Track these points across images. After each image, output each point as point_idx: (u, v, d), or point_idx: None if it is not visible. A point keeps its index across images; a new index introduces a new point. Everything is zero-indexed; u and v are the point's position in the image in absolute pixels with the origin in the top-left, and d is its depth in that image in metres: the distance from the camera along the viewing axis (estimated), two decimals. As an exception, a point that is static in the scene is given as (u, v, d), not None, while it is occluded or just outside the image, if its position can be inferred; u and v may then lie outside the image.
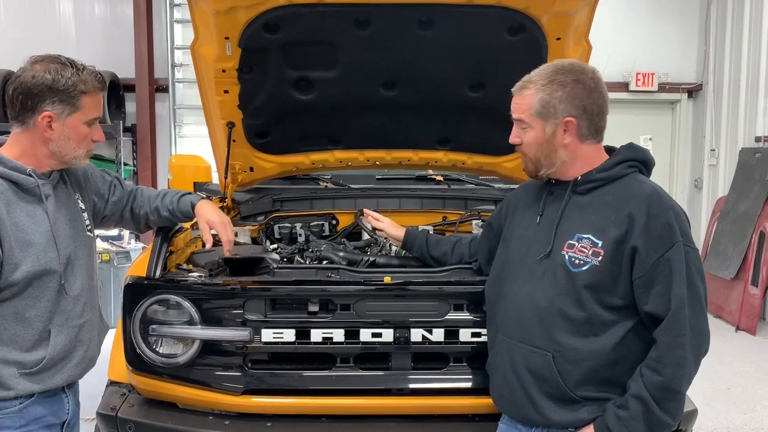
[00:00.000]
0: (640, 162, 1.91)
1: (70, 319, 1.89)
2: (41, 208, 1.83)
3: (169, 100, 8.10)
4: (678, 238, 1.74)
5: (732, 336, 6.45)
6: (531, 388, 1.84)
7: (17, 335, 1.79)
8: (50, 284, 1.83)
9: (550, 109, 1.84)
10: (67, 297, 1.88)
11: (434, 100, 2.99)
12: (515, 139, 1.94)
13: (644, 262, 1.74)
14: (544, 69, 1.90)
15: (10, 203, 1.76)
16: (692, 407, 2.30)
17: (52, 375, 1.87)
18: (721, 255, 7.07)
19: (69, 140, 1.84)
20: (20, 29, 7.89)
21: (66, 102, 1.81)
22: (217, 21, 2.56)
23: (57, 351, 1.86)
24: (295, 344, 2.21)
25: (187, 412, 2.31)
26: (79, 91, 1.81)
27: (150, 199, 2.30)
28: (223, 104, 2.89)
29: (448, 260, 2.45)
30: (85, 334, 1.95)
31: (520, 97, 1.90)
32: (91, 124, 1.89)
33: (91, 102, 1.86)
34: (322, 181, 3.61)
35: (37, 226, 1.81)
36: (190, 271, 2.38)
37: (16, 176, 1.79)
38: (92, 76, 1.86)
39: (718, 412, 4.51)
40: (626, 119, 8.04)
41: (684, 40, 8.36)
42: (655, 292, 1.73)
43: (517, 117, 1.91)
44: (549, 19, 2.57)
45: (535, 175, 1.95)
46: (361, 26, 2.63)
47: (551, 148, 1.87)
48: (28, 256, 1.77)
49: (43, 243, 1.81)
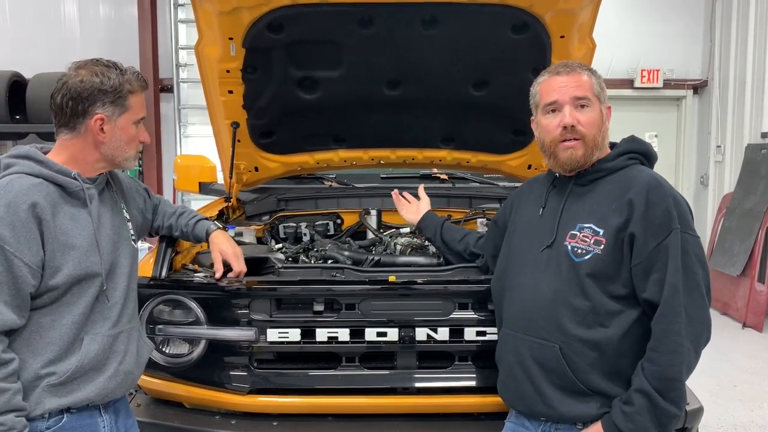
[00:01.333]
0: (642, 154, 1.92)
1: (104, 327, 1.82)
2: (85, 211, 1.81)
3: (174, 100, 8.11)
4: (676, 225, 1.74)
5: (738, 333, 6.43)
6: (538, 379, 1.84)
7: (51, 342, 1.74)
8: (90, 289, 1.78)
9: (603, 92, 1.90)
10: (107, 304, 1.83)
11: (438, 99, 2.99)
12: (573, 120, 1.83)
13: (642, 250, 1.74)
14: (574, 62, 1.96)
15: (55, 206, 1.74)
16: (698, 405, 2.29)
17: (82, 385, 1.78)
18: (728, 252, 7.05)
19: (120, 142, 1.83)
20: (25, 30, 7.91)
21: (116, 103, 1.80)
22: (221, 21, 2.57)
23: (89, 360, 1.78)
24: (301, 344, 2.22)
25: (194, 411, 2.32)
26: (126, 91, 1.81)
27: (166, 214, 2.30)
28: (227, 104, 2.90)
29: (455, 246, 2.48)
30: (120, 345, 1.87)
31: (576, 75, 1.87)
32: (138, 125, 1.89)
33: (138, 102, 1.86)
34: (326, 181, 3.62)
35: (80, 230, 1.78)
36: (195, 272, 2.39)
37: (61, 179, 1.77)
38: (135, 76, 1.86)
39: (724, 410, 4.49)
40: (631, 116, 8.02)
41: (689, 36, 8.33)
42: (652, 279, 1.73)
43: (582, 94, 1.85)
44: (553, 17, 2.57)
45: (584, 163, 1.87)
46: (365, 25, 2.63)
47: (604, 131, 1.89)
48: (69, 259, 1.74)
49: (86, 246, 1.78)
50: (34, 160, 1.78)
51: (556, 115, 1.87)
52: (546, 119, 1.90)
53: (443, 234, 2.52)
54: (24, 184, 1.73)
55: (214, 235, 2.29)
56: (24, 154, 1.80)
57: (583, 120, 1.84)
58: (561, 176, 1.95)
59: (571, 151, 1.85)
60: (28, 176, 1.75)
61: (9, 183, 1.73)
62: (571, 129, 1.84)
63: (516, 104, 2.30)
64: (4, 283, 1.65)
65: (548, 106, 1.89)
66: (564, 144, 1.86)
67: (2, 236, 1.66)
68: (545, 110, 1.90)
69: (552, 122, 1.87)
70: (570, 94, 1.85)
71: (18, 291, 1.67)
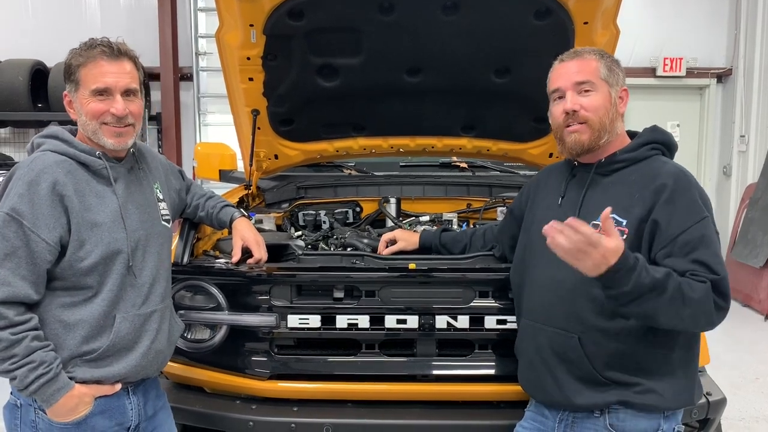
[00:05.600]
0: (663, 144, 1.91)
1: (135, 306, 1.84)
2: (110, 189, 1.83)
3: (194, 88, 8.14)
4: (706, 214, 1.75)
5: (761, 325, 6.34)
6: (558, 370, 1.84)
7: (83, 320, 1.77)
8: (117, 266, 1.81)
9: (614, 75, 1.88)
10: (136, 282, 1.85)
11: (459, 86, 2.97)
12: (574, 106, 1.85)
13: (666, 236, 1.73)
14: (585, 47, 1.94)
15: (78, 183, 1.77)
16: (720, 396, 2.27)
17: (114, 362, 1.81)
18: (750, 243, 6.94)
19: (81, 116, 1.83)
20: (47, 19, 7.98)
21: (71, 80, 1.82)
22: (241, 8, 2.57)
23: (120, 338, 1.81)
24: (321, 330, 2.23)
25: (215, 396, 2.35)
26: (75, 66, 1.80)
27: (195, 195, 2.34)
28: (247, 92, 2.90)
29: (458, 247, 2.46)
30: (153, 324, 1.88)
31: (580, 60, 1.88)
32: (100, 96, 1.80)
33: (90, 73, 1.79)
34: (346, 169, 3.62)
35: (104, 207, 1.81)
36: (216, 258, 2.40)
37: (84, 158, 1.80)
38: (93, 48, 1.80)
39: (746, 402, 4.44)
40: (654, 105, 7.91)
41: (713, 24, 8.17)
42: (679, 260, 1.70)
43: (583, 79, 1.85)
44: (576, 3, 2.54)
45: (590, 147, 1.87)
46: (386, 12, 2.61)
47: (615, 115, 1.88)
48: (93, 235, 1.77)
49: (109, 223, 1.80)
50: (61, 140, 1.83)
51: (562, 101, 1.88)
52: (554, 106, 1.92)
53: (450, 251, 2.46)
54: (47, 161, 1.77)
55: (237, 222, 2.31)
56: (52, 134, 1.85)
57: (586, 104, 1.85)
58: (580, 165, 1.94)
59: (575, 135, 1.86)
60: (54, 153, 1.79)
61: (33, 161, 1.78)
62: (573, 114, 1.85)
63: (538, 91, 2.27)
64: (22, 258, 1.70)
65: (554, 93, 1.92)
66: (568, 129, 1.87)
67: (22, 212, 1.70)
68: (553, 97, 1.93)
69: (558, 108, 1.90)
70: (571, 80, 1.86)
71: (35, 266, 1.71)
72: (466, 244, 2.45)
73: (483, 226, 2.53)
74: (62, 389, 1.73)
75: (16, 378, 1.69)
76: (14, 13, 8.01)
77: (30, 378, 1.69)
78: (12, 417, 1.83)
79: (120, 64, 1.82)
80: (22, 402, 1.81)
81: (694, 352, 1.88)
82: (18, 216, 1.69)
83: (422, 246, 2.49)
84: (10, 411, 1.84)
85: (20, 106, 7.13)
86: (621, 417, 1.79)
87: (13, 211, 1.70)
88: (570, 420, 1.86)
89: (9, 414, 1.85)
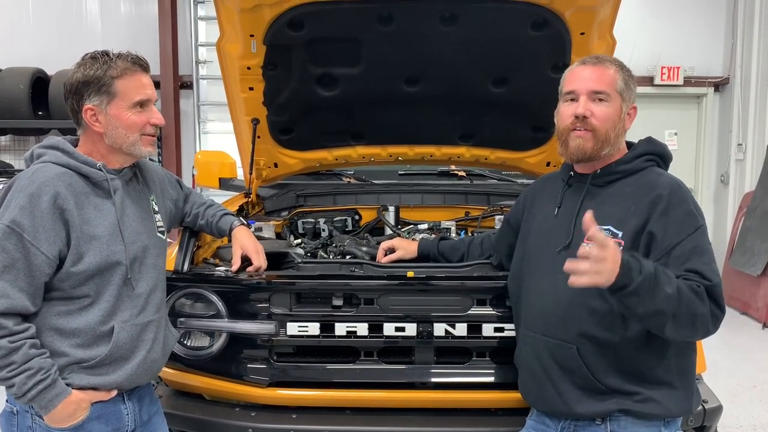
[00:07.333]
0: (659, 156, 1.93)
1: (132, 316, 1.86)
2: (109, 201, 1.84)
3: (194, 96, 8.18)
4: (700, 223, 1.76)
5: (759, 333, 6.34)
6: (558, 380, 1.85)
7: (80, 329, 1.78)
8: (115, 278, 1.82)
9: (629, 90, 1.88)
10: (133, 293, 1.86)
11: (457, 96, 2.99)
12: (585, 111, 1.84)
13: (662, 247, 1.74)
14: (607, 55, 1.95)
15: (79, 196, 1.78)
16: (717, 403, 2.28)
17: (111, 371, 1.83)
18: (748, 251, 6.95)
19: (118, 129, 1.83)
20: (48, 28, 8.02)
21: (101, 92, 1.80)
22: (242, 19, 2.59)
23: (118, 347, 1.83)
24: (320, 338, 2.24)
25: (214, 403, 2.35)
26: (109, 78, 1.80)
27: (195, 204, 2.35)
28: (248, 101, 2.93)
29: (456, 255, 2.48)
30: (149, 334, 1.91)
31: (601, 68, 1.88)
32: (139, 108, 1.84)
33: (128, 85, 1.82)
34: (345, 177, 3.64)
35: (103, 219, 1.82)
36: (216, 266, 2.42)
37: (86, 170, 1.81)
38: (123, 60, 1.83)
39: (744, 410, 4.45)
40: (651, 114, 7.93)
41: (710, 33, 8.22)
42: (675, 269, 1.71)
43: (599, 88, 1.85)
44: (573, 14, 2.56)
45: (592, 156, 1.87)
46: (385, 22, 2.64)
47: (620, 130, 1.89)
48: (91, 248, 1.78)
49: (108, 235, 1.81)
50: (62, 151, 1.83)
51: (573, 104, 1.88)
52: (564, 106, 1.92)
53: (449, 259, 2.48)
54: (49, 173, 1.77)
55: (237, 230, 2.32)
56: (53, 145, 1.85)
57: (597, 113, 1.85)
58: (576, 174, 1.95)
59: (579, 141, 1.86)
60: (55, 165, 1.80)
61: (35, 173, 1.78)
62: (582, 119, 1.85)
63: (535, 101, 2.31)
64: (21, 270, 1.70)
65: (568, 95, 1.91)
66: (574, 133, 1.87)
67: (22, 225, 1.71)
68: (565, 98, 1.92)
69: (568, 110, 1.90)
70: (589, 86, 1.86)
71: (33, 279, 1.72)
72: (464, 252, 2.47)
73: (481, 235, 2.55)
74: (60, 395, 1.74)
75: (15, 385, 1.70)
76: (15, 21, 8.06)
77: (28, 384, 1.70)
78: (8, 424, 1.84)
79: (149, 76, 1.89)
80: (18, 409, 1.81)
81: (691, 360, 1.89)
82: (18, 228, 1.70)
83: (420, 254, 2.50)
84: (7, 419, 1.85)
85: (21, 114, 7.16)
86: (622, 424, 1.80)
87: (14, 223, 1.70)
88: (572, 428, 1.87)
89: (5, 421, 1.85)
